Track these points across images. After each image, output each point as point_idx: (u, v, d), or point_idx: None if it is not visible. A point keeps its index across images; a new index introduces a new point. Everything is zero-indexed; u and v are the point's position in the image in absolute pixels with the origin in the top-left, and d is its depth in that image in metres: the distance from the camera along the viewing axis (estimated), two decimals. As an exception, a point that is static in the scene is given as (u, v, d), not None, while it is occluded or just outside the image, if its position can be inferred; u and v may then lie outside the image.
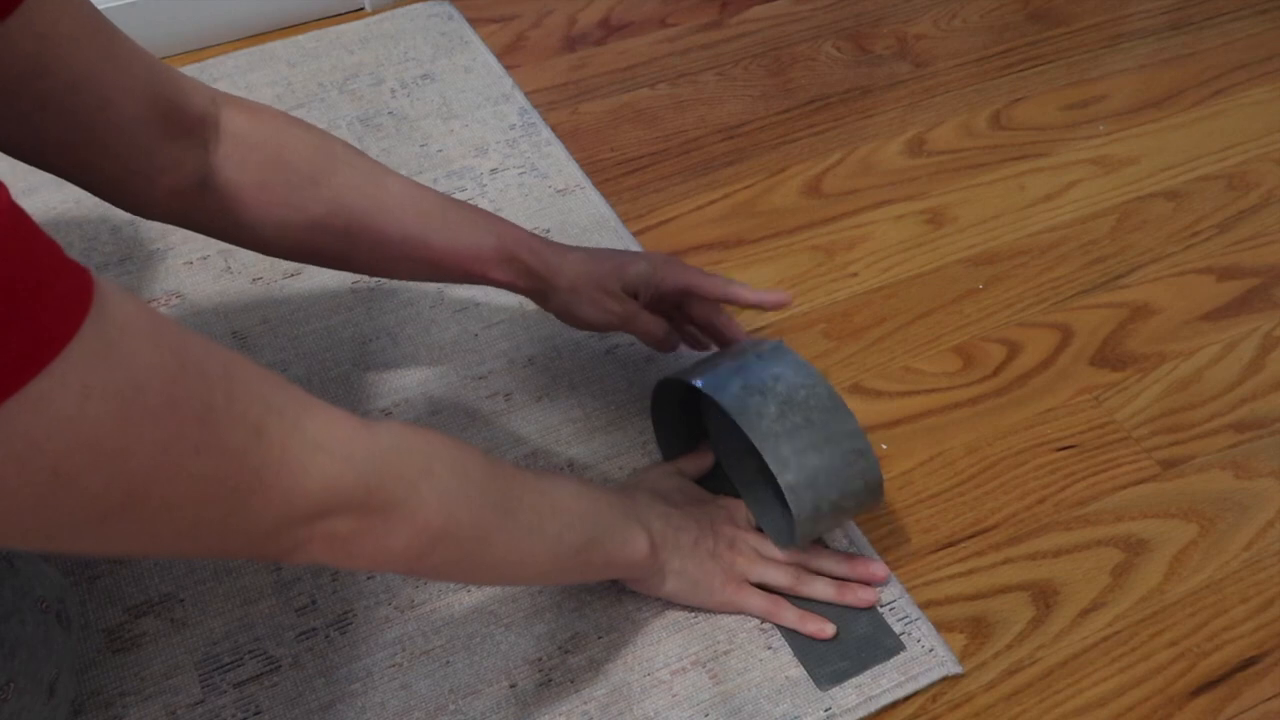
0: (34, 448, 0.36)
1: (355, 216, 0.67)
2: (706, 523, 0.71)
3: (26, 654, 0.56)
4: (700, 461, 0.77)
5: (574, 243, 0.94)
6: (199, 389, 0.42)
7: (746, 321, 0.90)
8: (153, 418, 0.39)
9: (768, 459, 0.65)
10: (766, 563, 0.71)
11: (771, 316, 0.90)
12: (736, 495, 0.76)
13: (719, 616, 0.71)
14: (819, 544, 0.74)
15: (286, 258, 0.70)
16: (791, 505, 0.66)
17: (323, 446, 0.47)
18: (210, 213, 0.65)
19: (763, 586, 0.71)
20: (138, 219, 0.96)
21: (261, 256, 0.93)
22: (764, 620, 0.71)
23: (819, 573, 0.72)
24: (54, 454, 0.37)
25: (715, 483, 0.77)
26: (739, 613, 0.71)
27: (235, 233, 0.67)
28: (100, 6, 0.56)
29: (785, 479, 0.66)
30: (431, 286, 0.91)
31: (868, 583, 0.72)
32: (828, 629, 0.70)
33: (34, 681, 0.56)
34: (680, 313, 0.78)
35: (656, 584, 0.68)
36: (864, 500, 0.69)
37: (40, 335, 0.35)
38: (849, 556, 0.73)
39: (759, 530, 0.73)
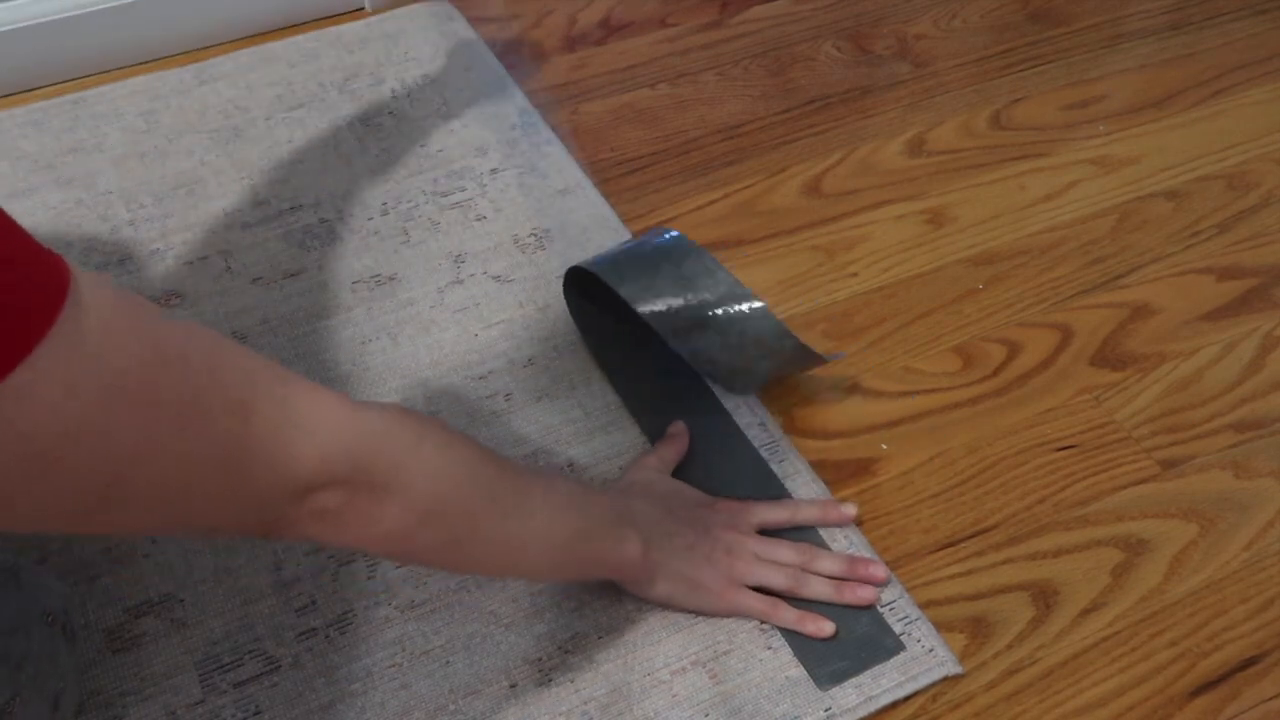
0: (18, 436, 0.36)
1: None
2: (703, 528, 0.70)
3: (33, 669, 0.56)
4: (677, 446, 0.78)
5: (576, 244, 0.95)
6: (181, 375, 0.42)
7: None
8: (135, 404, 0.40)
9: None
10: (765, 566, 0.71)
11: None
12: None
13: (719, 616, 0.71)
14: (819, 545, 0.74)
15: None
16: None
17: (310, 425, 0.47)
18: None
19: (762, 589, 0.71)
20: (137, 219, 0.96)
21: (261, 256, 0.93)
22: (763, 622, 0.71)
23: (818, 574, 0.72)
24: (39, 441, 0.37)
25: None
26: (737, 615, 0.71)
27: None
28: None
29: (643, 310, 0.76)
30: (431, 286, 0.91)
31: (867, 583, 0.72)
32: (826, 627, 0.70)
33: (39, 695, 0.56)
34: None
35: (649, 587, 0.68)
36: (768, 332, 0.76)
37: (18, 328, 0.36)
38: (849, 557, 0.73)
39: (760, 533, 0.73)
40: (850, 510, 0.75)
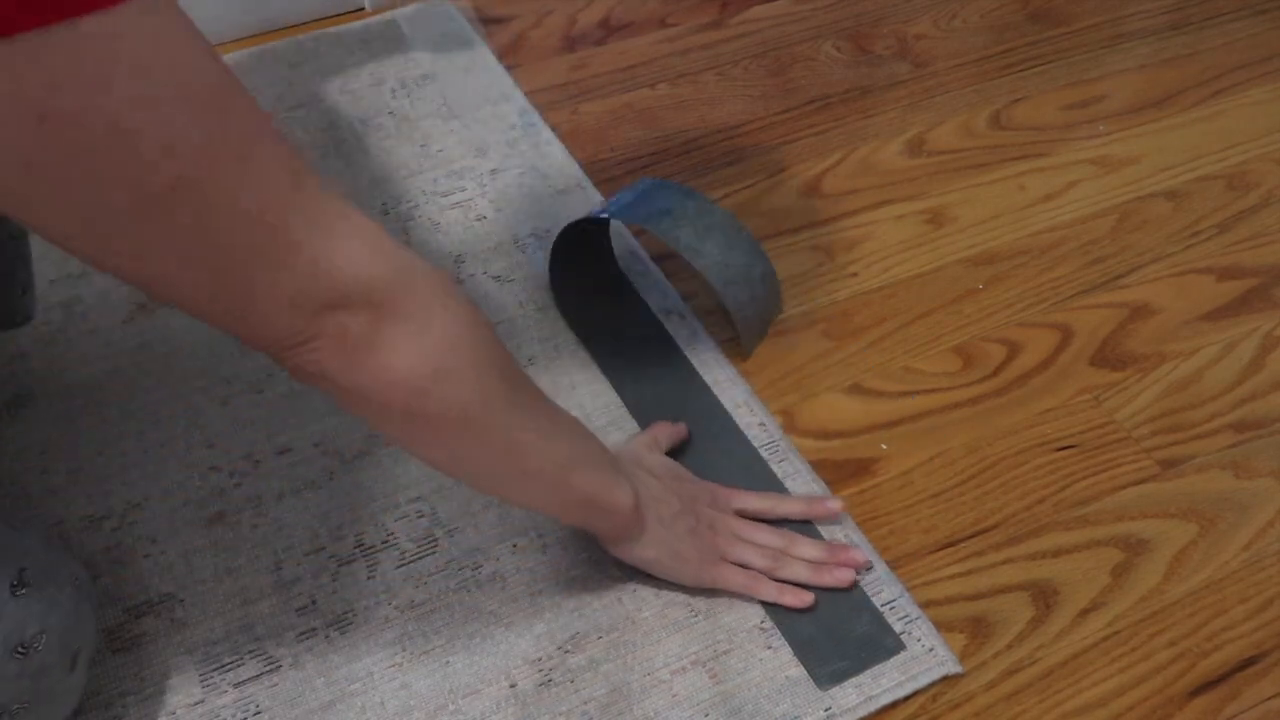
0: (102, 74, 0.37)
1: None
2: (689, 502, 0.71)
3: (59, 617, 0.57)
4: (673, 431, 0.78)
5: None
6: (244, 112, 0.43)
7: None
8: (205, 108, 0.41)
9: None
10: (745, 545, 0.71)
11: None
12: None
13: (719, 615, 0.71)
14: (800, 531, 0.74)
15: None
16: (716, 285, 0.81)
17: (354, 229, 0.47)
18: None
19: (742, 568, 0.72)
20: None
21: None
22: (742, 595, 0.71)
23: (799, 559, 0.72)
24: (119, 93, 0.38)
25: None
26: (716, 588, 0.71)
27: None
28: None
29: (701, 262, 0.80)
30: (431, 286, 0.91)
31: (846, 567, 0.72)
32: (806, 597, 0.70)
33: (61, 644, 0.57)
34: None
35: (634, 545, 0.68)
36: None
37: None
38: (829, 544, 0.73)
39: (739, 514, 0.74)
40: (835, 504, 0.75)
